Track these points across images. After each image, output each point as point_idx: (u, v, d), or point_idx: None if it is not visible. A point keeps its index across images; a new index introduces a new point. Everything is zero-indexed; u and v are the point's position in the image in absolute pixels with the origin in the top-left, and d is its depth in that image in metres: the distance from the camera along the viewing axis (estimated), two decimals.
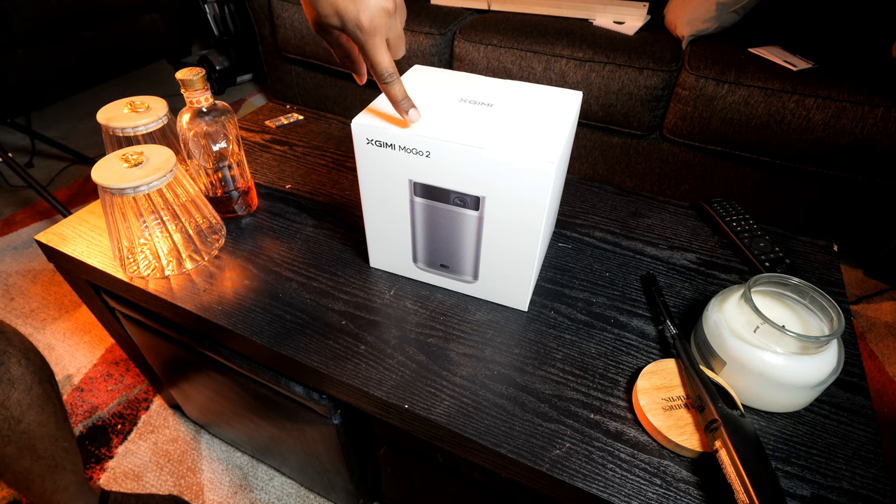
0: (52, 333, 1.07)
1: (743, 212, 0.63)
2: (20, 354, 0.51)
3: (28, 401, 0.52)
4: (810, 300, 0.43)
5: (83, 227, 0.62)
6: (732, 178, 1.24)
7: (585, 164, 1.40)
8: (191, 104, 0.55)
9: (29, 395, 0.52)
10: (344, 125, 0.84)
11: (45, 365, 0.55)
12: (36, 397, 0.53)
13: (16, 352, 0.51)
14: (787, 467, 0.40)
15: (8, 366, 0.49)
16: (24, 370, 0.51)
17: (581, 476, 0.39)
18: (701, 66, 1.13)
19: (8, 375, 0.49)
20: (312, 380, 0.49)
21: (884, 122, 1.02)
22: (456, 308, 0.53)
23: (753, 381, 0.41)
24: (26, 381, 0.51)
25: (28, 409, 0.52)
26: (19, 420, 0.51)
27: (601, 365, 0.47)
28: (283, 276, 0.56)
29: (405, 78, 0.51)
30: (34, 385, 0.52)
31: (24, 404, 0.51)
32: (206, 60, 1.96)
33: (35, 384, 0.52)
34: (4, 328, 0.51)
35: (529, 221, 0.44)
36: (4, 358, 0.49)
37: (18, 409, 0.51)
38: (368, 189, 0.49)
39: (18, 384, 0.50)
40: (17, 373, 0.50)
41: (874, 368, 1.06)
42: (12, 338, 0.52)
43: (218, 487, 0.83)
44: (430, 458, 0.53)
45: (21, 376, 0.51)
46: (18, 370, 0.51)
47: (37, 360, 0.54)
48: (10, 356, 0.50)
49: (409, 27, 1.37)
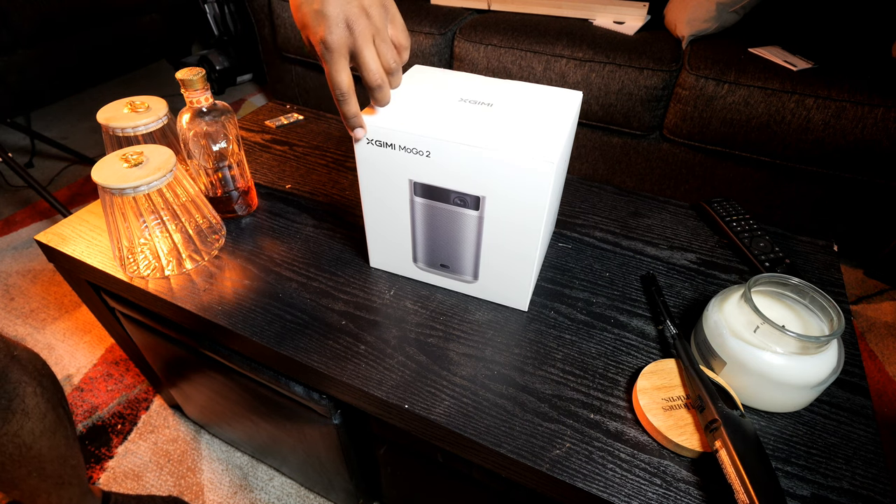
0: (52, 333, 1.07)
1: (743, 212, 0.63)
2: (35, 383, 0.51)
3: (41, 428, 0.51)
4: (810, 300, 0.43)
5: (83, 227, 0.62)
6: (732, 178, 1.24)
7: (585, 164, 1.40)
8: (191, 104, 0.55)
9: (42, 422, 0.51)
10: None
11: (57, 388, 0.55)
12: (49, 424, 0.52)
13: (31, 380, 0.50)
14: (787, 467, 0.40)
15: (24, 396, 0.49)
16: (38, 399, 0.51)
17: (581, 476, 0.39)
18: (701, 66, 1.13)
19: (23, 406, 0.49)
20: (312, 380, 0.49)
21: (884, 122, 1.02)
22: (456, 308, 0.53)
23: (753, 381, 0.41)
24: (40, 409, 0.51)
25: (40, 436, 0.51)
26: (30, 447, 0.51)
27: (601, 365, 0.47)
28: (283, 276, 0.56)
29: (405, 78, 0.52)
30: (48, 413, 0.52)
31: (37, 432, 0.51)
32: (206, 60, 1.96)
33: (49, 411, 0.52)
34: (19, 353, 0.51)
35: (529, 221, 0.44)
36: (21, 389, 0.49)
37: (31, 437, 0.50)
38: (368, 189, 0.49)
39: (33, 414, 0.50)
40: (31, 403, 0.50)
41: (874, 368, 1.06)
42: (27, 364, 0.51)
43: (218, 487, 0.83)
44: (430, 458, 0.53)
45: (36, 406, 0.50)
46: (34, 400, 0.50)
47: (50, 386, 0.53)
48: (26, 386, 0.49)
49: (409, 27, 1.37)
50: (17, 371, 0.49)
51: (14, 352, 0.50)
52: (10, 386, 0.48)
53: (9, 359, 0.48)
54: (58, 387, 0.55)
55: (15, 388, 0.48)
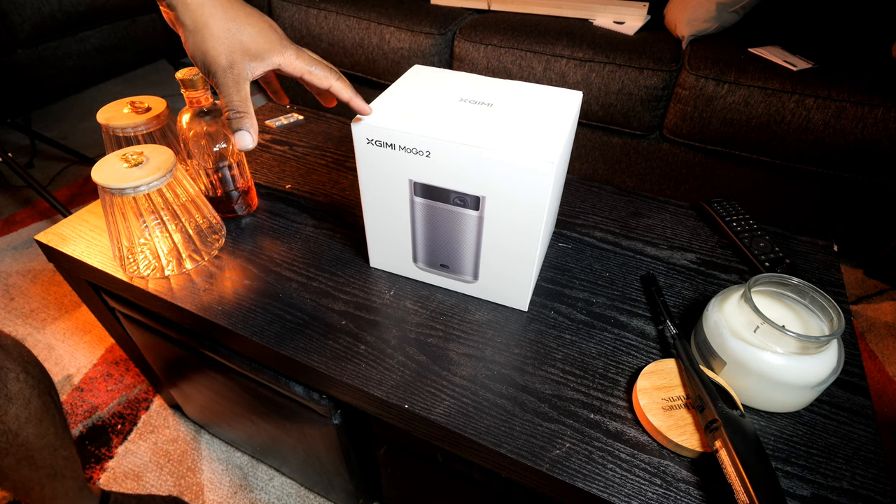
0: (52, 333, 1.07)
1: (743, 212, 0.63)
2: (19, 369, 0.51)
3: (26, 415, 0.51)
4: (810, 300, 0.43)
5: (83, 227, 0.62)
6: (732, 178, 1.24)
7: (585, 164, 1.40)
8: (191, 104, 0.55)
9: (27, 409, 0.51)
10: (344, 125, 0.84)
11: (45, 377, 0.55)
12: (35, 411, 0.52)
13: (14, 366, 0.50)
14: (787, 467, 0.40)
15: (5, 381, 0.49)
16: (22, 385, 0.51)
17: (581, 476, 0.39)
18: (701, 66, 1.13)
19: (5, 391, 0.49)
20: (312, 380, 0.49)
21: (884, 122, 1.02)
22: (456, 308, 0.53)
23: (753, 381, 0.41)
24: (24, 395, 0.51)
25: (26, 423, 0.51)
26: (17, 433, 0.51)
27: (601, 365, 0.47)
28: (283, 276, 0.56)
29: (406, 78, 0.52)
30: (33, 399, 0.52)
31: (22, 418, 0.51)
32: None
33: (34, 398, 0.52)
34: (4, 340, 0.51)
35: (529, 221, 0.44)
36: (2, 374, 0.49)
37: (16, 423, 0.50)
38: (368, 189, 0.49)
39: (16, 399, 0.50)
40: (14, 388, 0.50)
41: (874, 368, 1.06)
42: (11, 350, 0.51)
43: (218, 487, 0.83)
44: (430, 458, 0.53)
45: (19, 391, 0.50)
46: (16, 385, 0.50)
47: (36, 373, 0.53)
48: (9, 371, 0.49)
49: (409, 27, 1.37)
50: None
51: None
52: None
53: None
54: (45, 376, 0.55)
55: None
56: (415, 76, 0.52)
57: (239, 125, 0.40)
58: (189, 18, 0.38)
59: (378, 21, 1.40)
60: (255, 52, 0.39)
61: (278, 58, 0.41)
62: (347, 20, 1.44)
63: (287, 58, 0.41)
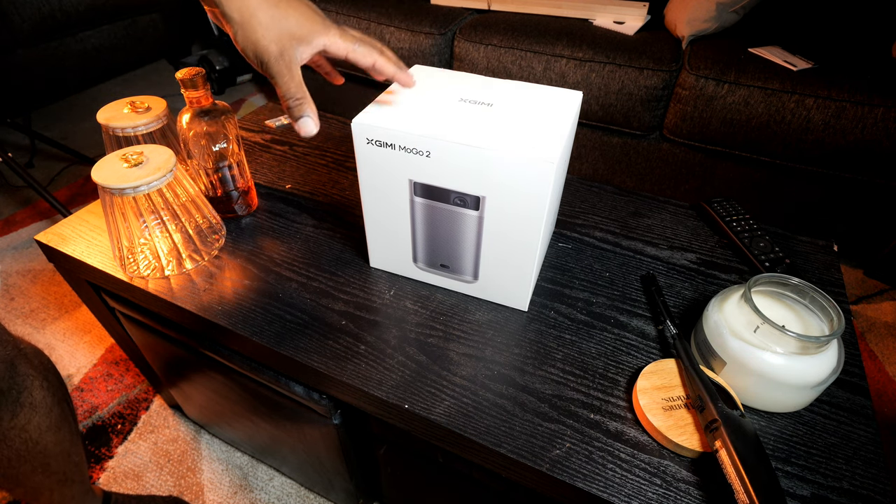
0: (52, 333, 1.07)
1: (743, 212, 0.63)
2: (41, 377, 0.51)
3: (47, 423, 0.51)
4: (810, 300, 0.43)
5: (83, 227, 0.62)
6: (732, 178, 1.24)
7: (585, 164, 1.40)
8: (191, 104, 0.55)
9: (49, 417, 0.51)
10: (344, 125, 0.84)
11: (61, 384, 0.55)
12: (55, 419, 0.52)
13: (38, 374, 0.50)
14: (787, 467, 0.40)
15: (31, 390, 0.49)
16: (45, 393, 0.50)
17: (581, 476, 0.39)
18: (701, 66, 1.13)
19: (31, 400, 0.49)
20: (312, 380, 0.49)
21: (884, 122, 1.02)
22: (456, 308, 0.53)
23: (753, 381, 0.41)
24: (47, 403, 0.51)
25: (46, 431, 0.51)
26: (37, 441, 0.51)
27: (601, 365, 0.47)
28: (283, 276, 0.56)
29: None
30: (54, 407, 0.52)
31: (44, 427, 0.51)
32: (206, 60, 1.96)
33: (55, 405, 0.52)
34: (24, 348, 0.50)
35: (529, 221, 0.44)
36: (28, 382, 0.49)
37: (37, 432, 0.50)
38: (368, 189, 0.49)
39: (40, 408, 0.50)
40: (38, 396, 0.50)
41: (874, 368, 1.06)
42: (33, 359, 0.51)
43: (218, 487, 0.83)
44: (430, 458, 0.53)
45: (42, 399, 0.50)
46: (40, 394, 0.50)
47: (55, 381, 0.53)
48: (34, 380, 0.49)
49: (409, 27, 1.37)
50: (24, 364, 0.49)
51: (20, 345, 0.50)
52: (20, 378, 0.48)
53: (16, 351, 0.48)
54: (62, 382, 0.55)
55: (23, 381, 0.48)
56: (415, 76, 0.52)
57: (300, 112, 0.41)
58: (236, 12, 0.38)
59: (378, 21, 1.40)
60: (301, 36, 0.40)
61: (324, 38, 0.41)
62: (347, 20, 1.44)
63: (332, 38, 0.41)
